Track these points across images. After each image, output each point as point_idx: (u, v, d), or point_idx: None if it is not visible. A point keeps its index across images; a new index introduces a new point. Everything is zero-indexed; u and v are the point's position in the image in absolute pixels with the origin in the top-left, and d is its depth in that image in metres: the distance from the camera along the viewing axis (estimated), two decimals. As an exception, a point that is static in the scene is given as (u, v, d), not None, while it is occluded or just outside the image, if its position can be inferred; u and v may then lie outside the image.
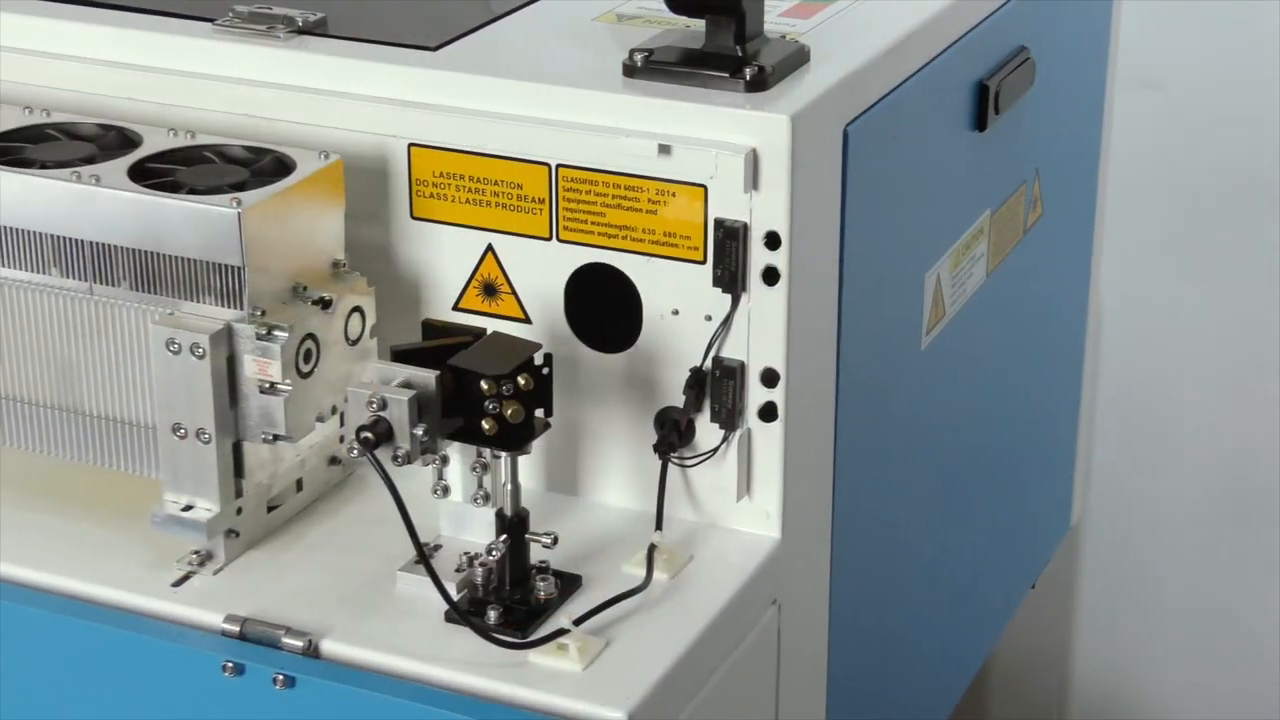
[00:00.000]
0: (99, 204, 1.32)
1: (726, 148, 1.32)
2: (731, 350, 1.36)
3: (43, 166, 1.35)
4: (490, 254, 1.41)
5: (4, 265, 1.36)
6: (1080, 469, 2.25)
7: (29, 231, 1.34)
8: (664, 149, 1.33)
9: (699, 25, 1.40)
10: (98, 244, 1.33)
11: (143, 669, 1.28)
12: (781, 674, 1.43)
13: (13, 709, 1.34)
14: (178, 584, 1.32)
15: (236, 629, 1.27)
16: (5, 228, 1.35)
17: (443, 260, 1.43)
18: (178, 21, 1.51)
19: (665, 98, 1.35)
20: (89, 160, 1.37)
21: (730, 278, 1.34)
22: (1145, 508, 2.54)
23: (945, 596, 1.84)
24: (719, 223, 1.33)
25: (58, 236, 1.34)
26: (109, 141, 1.41)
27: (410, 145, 1.40)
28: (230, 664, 1.25)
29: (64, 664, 1.31)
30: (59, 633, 1.30)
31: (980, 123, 1.65)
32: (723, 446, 1.38)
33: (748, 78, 1.36)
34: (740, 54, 1.37)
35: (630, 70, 1.39)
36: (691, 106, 1.34)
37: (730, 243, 1.33)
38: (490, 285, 1.42)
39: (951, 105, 1.62)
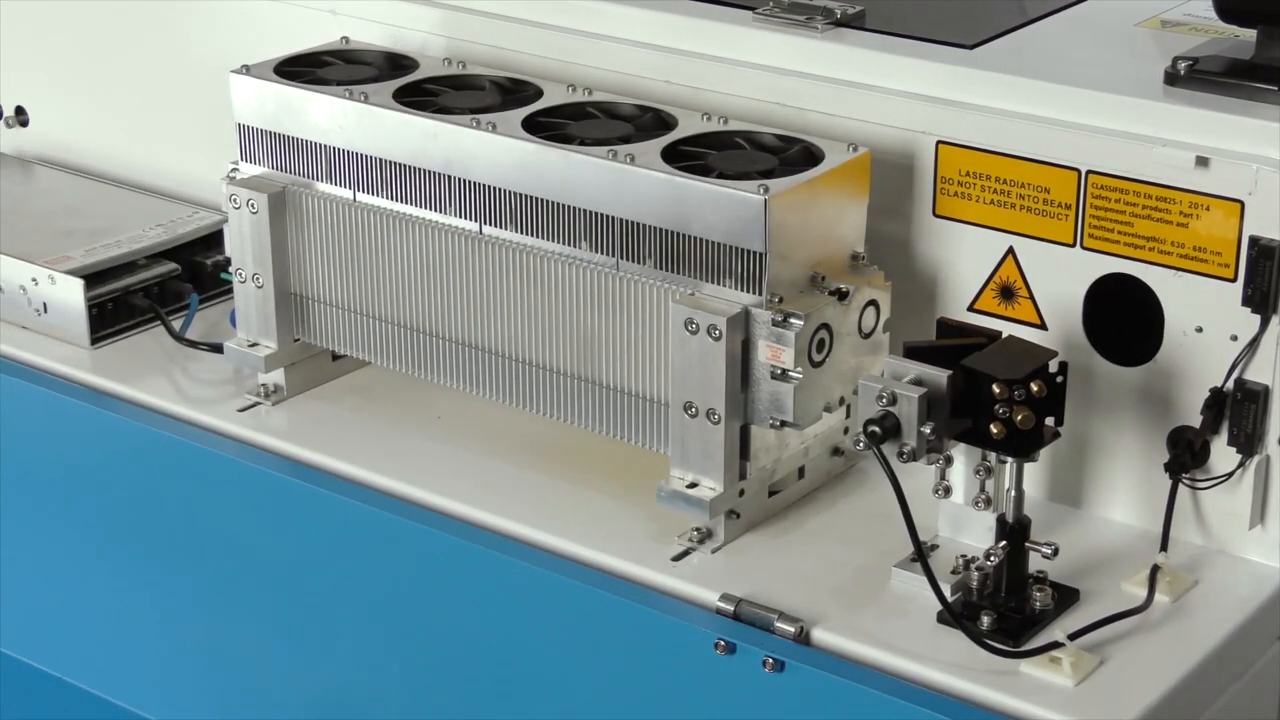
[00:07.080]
0: (632, 183, 1.36)
1: (1269, 163, 1.27)
2: (1256, 373, 1.31)
3: (582, 143, 1.40)
4: (1011, 257, 1.39)
5: (540, 237, 1.41)
6: None
7: (566, 205, 1.39)
8: (1201, 161, 1.29)
9: (1248, 35, 1.36)
10: (628, 221, 1.36)
11: (637, 638, 1.32)
12: (1283, 714, 1.38)
13: (505, 662, 1.39)
14: (677, 558, 1.35)
15: (731, 609, 1.29)
16: (544, 200, 1.40)
17: (962, 260, 1.42)
18: (718, 9, 1.54)
19: (1206, 108, 1.31)
20: (625, 140, 1.41)
21: (1261, 298, 1.29)
22: None
23: None
24: (1254, 240, 1.29)
25: (592, 212, 1.38)
26: (645, 122, 1.45)
27: (938, 143, 1.40)
28: (722, 642, 1.27)
29: (561, 625, 1.35)
30: (560, 594, 1.35)
31: None
32: (1238, 471, 1.33)
33: (1297, 92, 1.31)
34: (1291, 67, 1.32)
35: (1172, 78, 1.35)
36: (1234, 119, 1.30)
37: (1264, 262, 1.28)
38: (1008, 288, 1.40)
39: None
